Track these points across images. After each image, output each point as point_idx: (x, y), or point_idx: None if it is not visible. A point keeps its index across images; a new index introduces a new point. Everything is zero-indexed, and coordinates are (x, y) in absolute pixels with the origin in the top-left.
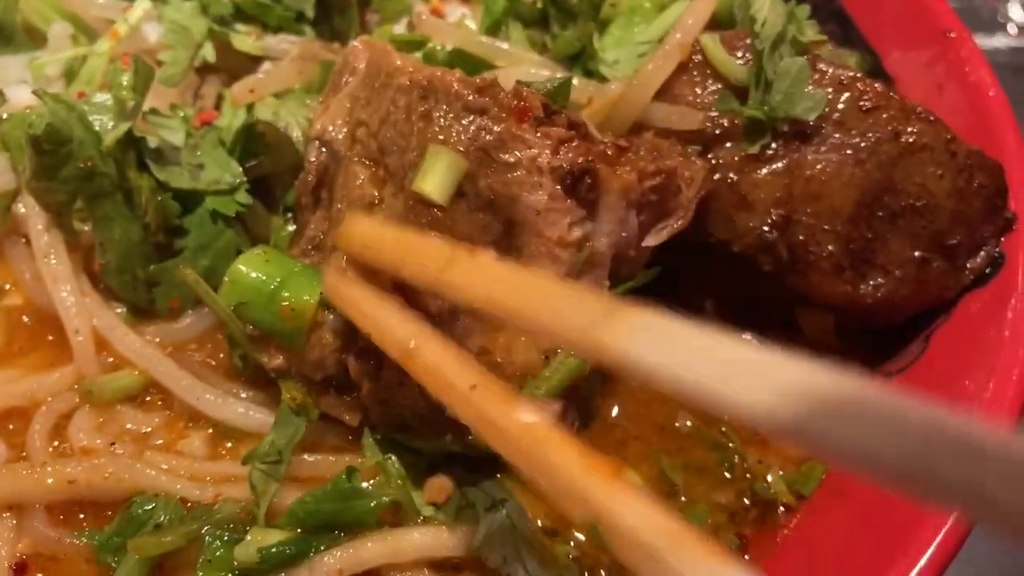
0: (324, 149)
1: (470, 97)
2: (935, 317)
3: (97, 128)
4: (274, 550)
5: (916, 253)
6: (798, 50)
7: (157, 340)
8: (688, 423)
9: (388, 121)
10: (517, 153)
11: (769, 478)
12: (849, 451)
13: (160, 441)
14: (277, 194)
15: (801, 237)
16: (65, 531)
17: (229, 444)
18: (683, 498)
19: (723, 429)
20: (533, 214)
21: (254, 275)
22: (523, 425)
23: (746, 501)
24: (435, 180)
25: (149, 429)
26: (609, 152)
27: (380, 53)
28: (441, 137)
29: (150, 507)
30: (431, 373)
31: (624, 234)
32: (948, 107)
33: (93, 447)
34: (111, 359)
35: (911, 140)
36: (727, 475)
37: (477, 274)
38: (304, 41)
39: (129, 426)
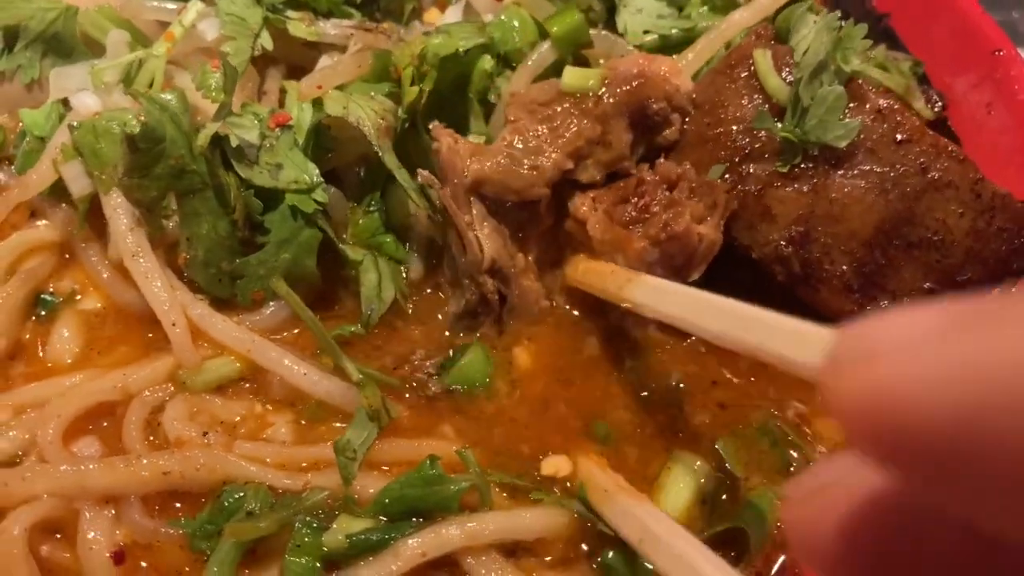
0: (495, 278)
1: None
2: None
3: None
4: (361, 537)
5: (926, 284)
6: (841, 78)
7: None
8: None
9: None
10: None
11: None
12: None
13: (245, 430)
14: (346, 183)
15: (817, 254)
16: (160, 520)
17: (322, 428)
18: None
19: (779, 424)
20: None
21: None
22: None
23: None
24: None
25: (238, 418)
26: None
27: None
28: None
29: (240, 495)
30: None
31: None
32: (996, 125)
33: (187, 437)
34: (204, 344)
35: (937, 176)
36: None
37: None
38: (360, 32)
39: (219, 415)
